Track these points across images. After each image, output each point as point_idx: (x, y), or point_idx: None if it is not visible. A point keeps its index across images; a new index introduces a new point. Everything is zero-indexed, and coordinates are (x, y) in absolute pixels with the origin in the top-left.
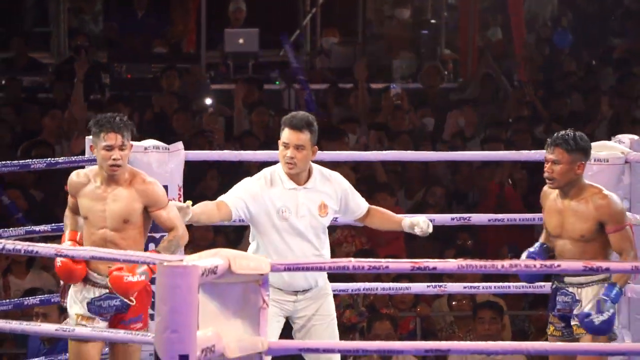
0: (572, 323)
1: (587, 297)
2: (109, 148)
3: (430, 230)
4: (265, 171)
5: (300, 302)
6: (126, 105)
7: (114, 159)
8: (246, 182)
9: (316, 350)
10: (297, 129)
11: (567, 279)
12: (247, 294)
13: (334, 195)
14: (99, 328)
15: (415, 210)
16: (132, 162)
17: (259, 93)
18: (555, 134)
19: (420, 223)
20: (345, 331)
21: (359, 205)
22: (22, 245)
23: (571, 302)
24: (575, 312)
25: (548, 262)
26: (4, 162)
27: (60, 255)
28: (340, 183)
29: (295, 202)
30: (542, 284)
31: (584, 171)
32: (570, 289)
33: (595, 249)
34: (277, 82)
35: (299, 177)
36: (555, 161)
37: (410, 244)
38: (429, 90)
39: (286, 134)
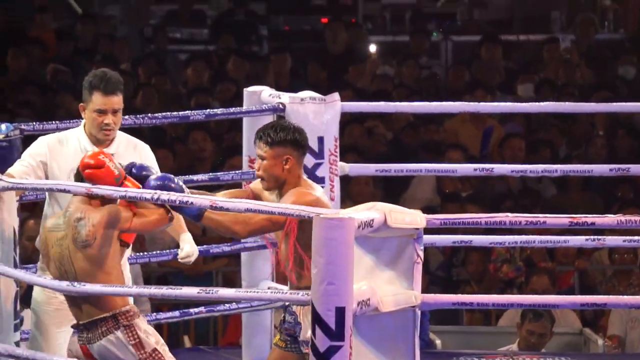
0: (304, 350)
1: (308, 319)
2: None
3: (188, 260)
4: (60, 133)
5: None
6: (285, 57)
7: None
8: (32, 145)
9: (470, 305)
10: (113, 93)
11: None
12: (402, 248)
13: None
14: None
15: (568, 161)
16: (289, 113)
17: (429, 42)
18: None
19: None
20: (503, 286)
21: None
22: (177, 196)
23: (294, 323)
24: (301, 338)
25: None
26: (164, 114)
27: (215, 208)
28: (147, 155)
29: None
30: None
31: (296, 166)
32: (294, 307)
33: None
34: (435, 34)
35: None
36: (261, 156)
37: (567, 197)
38: (583, 41)
39: (100, 100)
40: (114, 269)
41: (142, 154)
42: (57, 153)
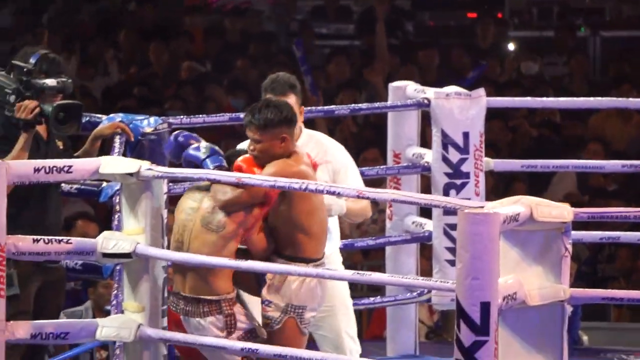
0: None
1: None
2: None
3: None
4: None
5: None
6: (433, 52)
7: None
8: None
9: (620, 300)
10: (282, 95)
11: None
12: (549, 242)
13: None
14: None
15: None
16: (434, 108)
17: (571, 40)
18: (250, 109)
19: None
20: None
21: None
22: (324, 186)
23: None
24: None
25: None
26: (309, 108)
27: (363, 197)
28: (322, 143)
29: None
30: None
31: (290, 141)
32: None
33: None
34: (582, 29)
35: None
36: (255, 140)
37: None
38: None
39: None
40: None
41: (319, 144)
42: None
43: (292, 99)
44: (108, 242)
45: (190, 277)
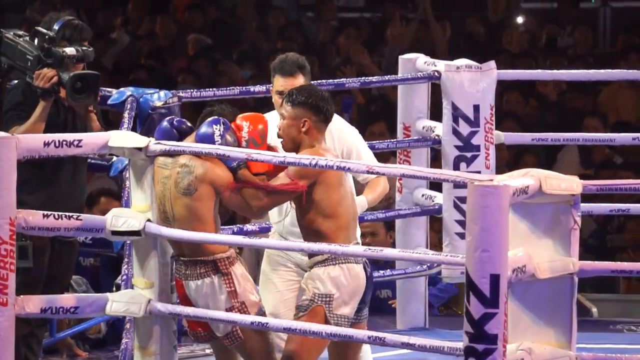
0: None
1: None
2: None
3: None
4: (270, 113)
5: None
6: (444, 25)
7: None
8: None
9: (629, 273)
10: (290, 75)
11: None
12: (558, 215)
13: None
14: None
15: None
16: (445, 81)
17: (575, 11)
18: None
19: None
20: None
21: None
22: (334, 162)
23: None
24: (298, 302)
25: None
26: (319, 82)
27: (372, 172)
28: (341, 129)
29: None
30: None
31: (314, 131)
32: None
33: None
34: (593, 0)
35: None
36: (282, 115)
37: None
38: None
39: (278, 82)
40: (210, 218)
41: (334, 129)
42: None
43: (300, 80)
44: (117, 219)
45: (185, 242)
